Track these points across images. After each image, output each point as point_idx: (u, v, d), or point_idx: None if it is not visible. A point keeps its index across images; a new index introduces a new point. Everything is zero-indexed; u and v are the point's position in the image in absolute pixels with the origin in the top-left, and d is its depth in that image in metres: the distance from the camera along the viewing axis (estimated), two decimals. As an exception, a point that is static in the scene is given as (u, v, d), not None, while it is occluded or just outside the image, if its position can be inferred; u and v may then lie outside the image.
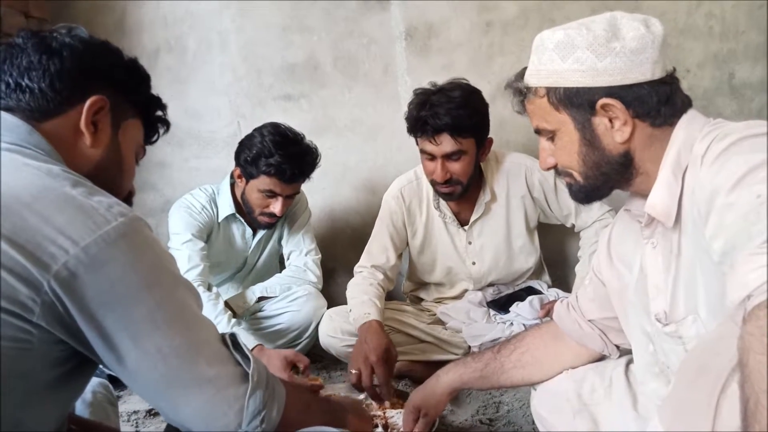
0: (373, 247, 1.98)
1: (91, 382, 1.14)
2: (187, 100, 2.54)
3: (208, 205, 2.05)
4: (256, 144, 1.88)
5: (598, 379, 1.16)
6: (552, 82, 0.96)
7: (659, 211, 0.94)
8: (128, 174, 0.95)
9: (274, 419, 0.79)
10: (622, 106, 0.92)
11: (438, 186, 1.84)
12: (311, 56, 2.46)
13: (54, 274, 0.67)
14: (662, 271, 0.97)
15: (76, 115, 0.85)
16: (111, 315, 0.70)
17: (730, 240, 0.74)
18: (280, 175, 1.86)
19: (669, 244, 0.96)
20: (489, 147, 1.87)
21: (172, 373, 0.73)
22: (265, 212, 1.96)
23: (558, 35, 0.95)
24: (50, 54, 0.84)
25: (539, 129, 1.04)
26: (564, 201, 1.94)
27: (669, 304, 0.96)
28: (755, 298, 0.64)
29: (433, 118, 1.71)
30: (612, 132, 0.94)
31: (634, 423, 1.07)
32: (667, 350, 0.99)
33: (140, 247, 0.74)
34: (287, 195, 1.94)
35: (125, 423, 1.69)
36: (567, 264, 2.33)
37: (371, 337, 1.65)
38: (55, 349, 0.71)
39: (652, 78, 0.92)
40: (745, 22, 2.21)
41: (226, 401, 0.75)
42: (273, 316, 2.06)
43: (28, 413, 0.72)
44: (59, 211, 0.70)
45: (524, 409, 1.64)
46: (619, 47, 0.91)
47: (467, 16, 2.33)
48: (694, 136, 0.90)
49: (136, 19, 2.52)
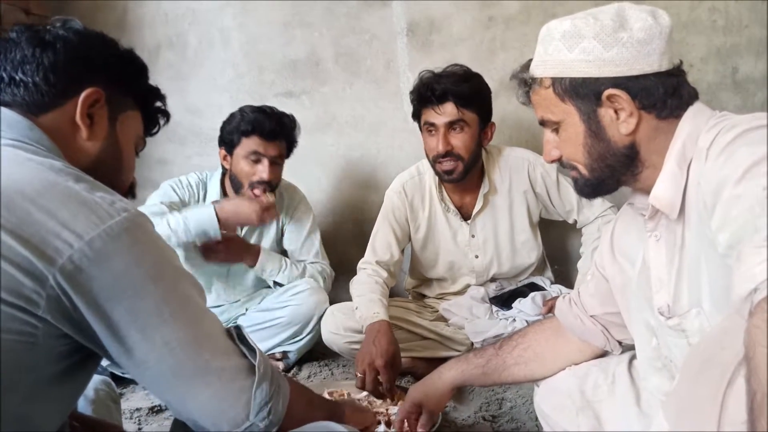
0: (376, 243, 1.98)
1: (94, 379, 1.14)
2: (188, 97, 2.54)
3: (195, 185, 2.07)
4: (235, 116, 1.98)
5: (601, 376, 1.15)
6: (558, 72, 0.96)
7: (663, 203, 0.93)
8: (128, 166, 0.94)
9: (280, 412, 0.80)
10: (628, 97, 0.91)
11: (439, 162, 1.83)
12: (312, 52, 2.45)
13: (59, 267, 0.67)
14: (666, 264, 0.97)
15: (71, 108, 0.84)
16: (118, 308, 0.71)
17: (736, 232, 0.73)
18: (259, 130, 1.91)
19: (673, 236, 0.95)
20: (492, 131, 1.88)
21: (179, 365, 0.74)
22: (254, 181, 1.95)
23: (565, 25, 0.95)
24: (44, 47, 0.83)
25: (544, 120, 1.03)
26: (566, 197, 1.94)
27: (672, 297, 0.96)
28: (762, 291, 0.63)
29: (438, 83, 1.77)
30: (617, 123, 0.94)
31: (637, 420, 1.06)
32: (670, 344, 0.98)
33: (143, 242, 0.74)
34: (271, 157, 1.95)
35: (128, 420, 1.69)
36: (569, 260, 2.32)
37: (380, 339, 1.65)
38: (59, 343, 0.72)
39: (659, 69, 0.91)
40: (748, 16, 2.20)
41: (232, 393, 0.76)
42: (274, 309, 2.05)
43: (33, 408, 0.72)
44: (63, 206, 0.70)
45: (527, 405, 1.64)
46: (626, 37, 0.90)
47: (469, 11, 2.32)
48: (699, 129, 0.90)
49: (137, 16, 2.52)
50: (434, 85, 1.77)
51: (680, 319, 0.94)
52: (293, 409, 0.82)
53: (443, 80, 1.77)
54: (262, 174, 1.94)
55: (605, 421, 1.11)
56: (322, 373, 2.03)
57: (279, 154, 1.98)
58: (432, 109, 1.79)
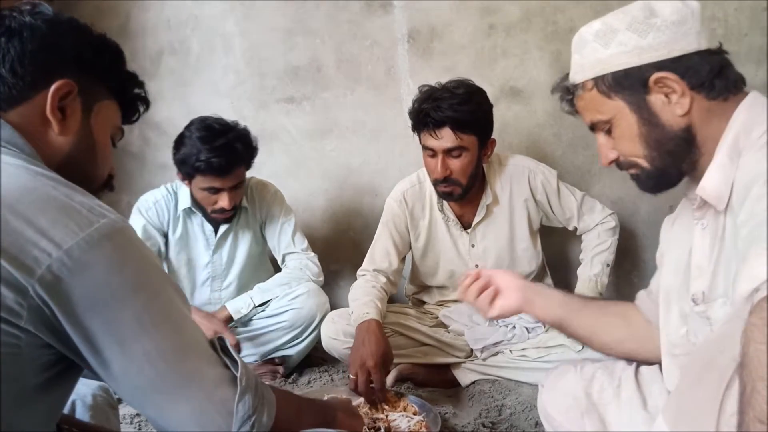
0: (375, 251, 1.98)
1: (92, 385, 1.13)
2: (190, 103, 2.55)
3: (163, 199, 2.03)
4: (186, 143, 1.85)
5: (607, 379, 1.15)
6: (598, 71, 0.96)
7: (710, 194, 0.92)
8: (103, 159, 0.89)
9: (265, 424, 0.76)
10: (677, 77, 0.91)
11: (437, 185, 1.84)
12: (314, 59, 2.46)
13: (38, 278, 0.65)
14: (708, 253, 0.96)
15: (41, 101, 0.79)
16: (97, 319, 0.68)
17: (753, 231, 0.73)
18: (212, 170, 1.82)
19: (716, 225, 0.94)
20: (492, 148, 1.87)
21: (159, 377, 0.71)
22: (215, 209, 1.93)
23: (596, 25, 0.96)
24: (9, 36, 0.78)
25: (594, 123, 1.02)
26: (566, 204, 1.94)
27: (709, 285, 0.95)
28: (762, 291, 0.63)
29: (435, 111, 1.73)
30: (671, 106, 0.93)
31: (643, 423, 1.06)
32: (697, 331, 0.98)
33: (124, 249, 0.72)
34: (230, 187, 1.90)
35: (128, 425, 1.69)
36: (569, 267, 2.32)
37: (369, 338, 1.65)
38: (43, 353, 0.70)
39: (699, 48, 0.91)
40: (748, 24, 2.20)
41: (213, 405, 0.73)
42: (275, 315, 2.04)
43: (19, 418, 0.70)
44: (41, 213, 0.68)
45: (527, 412, 1.63)
46: (659, 22, 0.91)
47: (470, 18, 2.33)
48: (754, 120, 0.89)
49: (140, 22, 2.53)
50: (431, 113, 1.73)
51: (707, 306, 0.94)
52: (281, 419, 0.79)
53: (442, 105, 1.72)
54: (222, 204, 1.90)
55: (611, 424, 1.11)
56: (321, 379, 2.03)
57: (238, 182, 1.92)
58: (430, 134, 1.77)
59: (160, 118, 2.55)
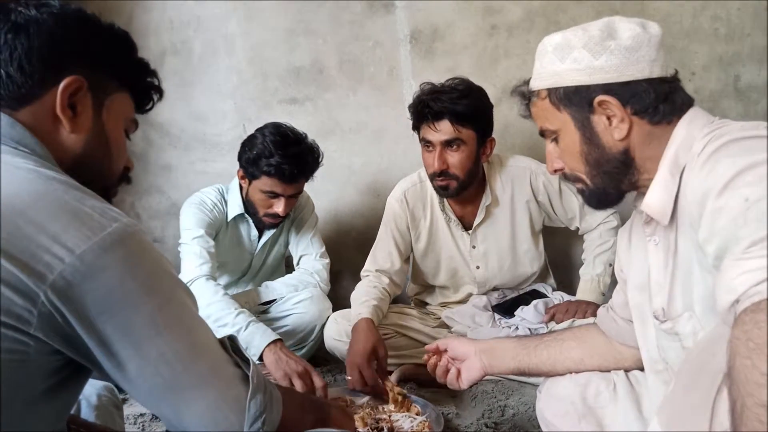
0: (377, 252, 1.98)
1: (97, 385, 1.14)
2: (192, 104, 2.56)
3: (219, 203, 2.06)
4: (257, 144, 1.88)
5: (602, 383, 1.16)
6: (552, 83, 0.99)
7: (654, 210, 0.95)
8: (117, 154, 0.88)
9: (274, 421, 0.78)
10: (618, 103, 0.94)
11: (434, 179, 1.85)
12: (316, 59, 2.47)
13: (50, 284, 0.65)
14: (662, 269, 0.98)
15: (51, 99, 0.77)
16: (111, 322, 0.68)
17: (722, 245, 0.75)
18: (280, 175, 1.86)
19: (667, 241, 0.97)
20: (491, 147, 1.87)
21: (174, 377, 0.72)
22: (268, 213, 1.96)
23: (556, 38, 0.99)
24: (16, 32, 0.76)
25: (543, 130, 1.06)
26: (568, 204, 1.94)
27: (667, 301, 0.97)
28: (742, 303, 0.64)
29: (435, 102, 1.75)
30: (610, 129, 0.96)
31: (639, 426, 1.07)
32: (666, 347, 1.00)
33: (137, 252, 0.71)
34: (289, 195, 1.93)
35: (132, 425, 1.69)
36: (572, 267, 2.32)
37: (357, 337, 1.68)
38: (51, 359, 0.70)
39: (649, 76, 0.93)
40: (750, 24, 2.20)
41: (227, 403, 0.74)
42: (278, 318, 2.06)
43: (25, 423, 0.70)
44: (53, 218, 0.67)
45: (530, 413, 1.64)
46: (614, 45, 0.93)
47: (472, 19, 2.33)
48: (693, 135, 0.91)
49: (142, 23, 2.54)
50: (431, 103, 1.75)
51: (673, 323, 0.96)
52: (286, 415, 0.81)
53: (441, 97, 1.75)
54: (278, 209, 1.94)
55: (607, 428, 1.12)
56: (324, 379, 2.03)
57: (297, 192, 1.97)
58: (429, 126, 1.78)
59: (162, 119, 2.56)
